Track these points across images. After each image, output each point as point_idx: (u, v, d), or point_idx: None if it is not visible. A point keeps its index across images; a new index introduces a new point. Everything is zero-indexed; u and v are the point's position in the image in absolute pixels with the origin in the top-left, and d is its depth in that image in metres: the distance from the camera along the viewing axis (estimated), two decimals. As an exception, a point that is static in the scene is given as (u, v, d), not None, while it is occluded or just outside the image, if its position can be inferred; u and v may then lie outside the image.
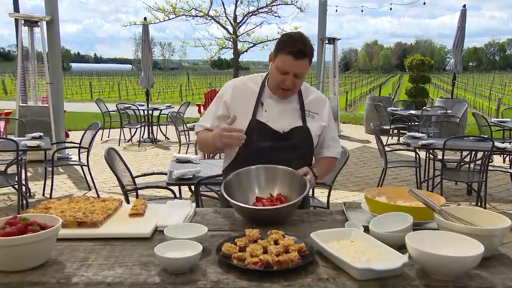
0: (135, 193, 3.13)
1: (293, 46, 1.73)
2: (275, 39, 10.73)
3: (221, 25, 10.98)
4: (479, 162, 5.04)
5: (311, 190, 3.58)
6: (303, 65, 1.76)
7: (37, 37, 6.45)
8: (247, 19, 11.14)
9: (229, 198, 1.59)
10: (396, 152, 6.58)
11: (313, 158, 2.00)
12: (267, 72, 1.93)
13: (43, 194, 5.05)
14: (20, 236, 1.18)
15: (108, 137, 8.96)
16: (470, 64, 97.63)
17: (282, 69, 1.76)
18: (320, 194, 4.42)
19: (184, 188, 3.88)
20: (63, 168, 6.17)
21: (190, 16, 10.68)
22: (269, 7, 11.01)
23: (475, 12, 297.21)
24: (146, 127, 8.90)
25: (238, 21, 11.04)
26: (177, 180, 3.18)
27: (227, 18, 11.04)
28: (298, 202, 1.58)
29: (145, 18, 9.13)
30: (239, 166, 1.80)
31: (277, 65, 1.78)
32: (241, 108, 1.87)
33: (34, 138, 4.84)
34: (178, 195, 3.59)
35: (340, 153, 2.06)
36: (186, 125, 7.15)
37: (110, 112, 8.82)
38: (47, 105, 6.50)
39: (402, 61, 17.81)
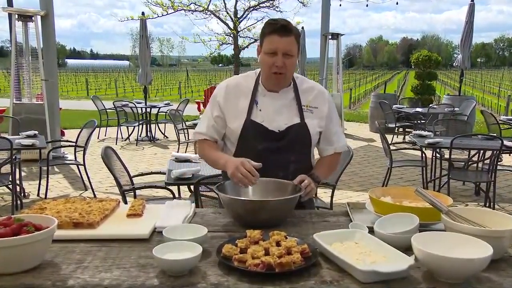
0: (132, 193, 3.10)
1: (275, 24, 1.75)
2: None
3: (221, 20, 10.92)
4: (487, 161, 4.96)
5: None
6: (290, 42, 1.74)
7: (31, 33, 6.38)
8: (248, 14, 11.08)
9: (222, 194, 1.56)
10: (402, 151, 6.55)
11: (312, 156, 1.97)
12: (260, 69, 1.89)
13: (38, 194, 5.00)
14: (14, 237, 1.16)
15: (105, 136, 8.91)
16: (478, 60, 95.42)
17: (270, 49, 1.75)
18: (324, 195, 4.39)
19: (183, 188, 3.84)
20: (58, 167, 6.12)
21: (189, 10, 10.61)
22: (270, 2, 10.96)
23: (483, 7, 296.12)
24: (144, 125, 8.86)
25: (238, 16, 10.98)
26: (176, 180, 3.15)
27: (227, 13, 10.98)
28: (291, 200, 1.56)
29: (143, 13, 9.07)
30: None
31: (265, 50, 1.77)
32: (235, 108, 1.84)
33: (28, 136, 4.79)
34: (177, 195, 3.56)
35: (345, 145, 2.01)
36: (185, 123, 7.09)
37: (107, 110, 8.77)
38: (42, 102, 6.44)
39: (408, 57, 17.71)
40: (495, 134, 5.26)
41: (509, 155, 6.75)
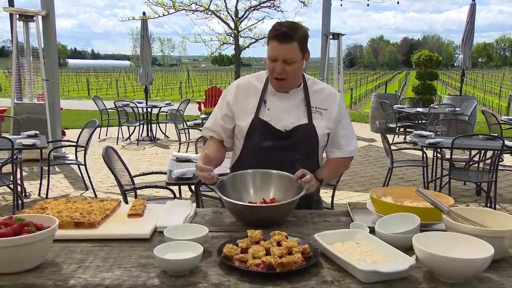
0: (133, 193, 3.10)
1: (277, 30, 1.72)
2: None
3: (222, 20, 10.91)
4: (488, 161, 4.96)
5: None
6: (289, 49, 1.71)
7: (32, 32, 6.38)
8: (248, 13, 11.08)
9: (222, 196, 1.57)
10: (403, 151, 6.55)
11: (320, 157, 1.95)
12: None
13: (39, 194, 5.00)
14: (15, 237, 1.15)
15: (106, 136, 8.92)
16: (480, 60, 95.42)
17: (270, 56, 1.75)
18: (324, 195, 4.38)
19: (184, 188, 3.85)
20: (59, 167, 6.12)
21: (190, 10, 10.61)
22: (271, 1, 10.95)
23: (483, 7, 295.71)
24: (145, 125, 8.85)
25: (239, 16, 10.98)
26: (177, 180, 3.15)
27: (228, 13, 10.98)
28: (293, 202, 1.56)
29: (144, 13, 9.06)
30: (243, 165, 1.80)
31: (267, 54, 1.78)
32: (244, 107, 1.86)
33: (29, 136, 4.78)
34: (178, 195, 3.56)
35: (354, 151, 1.96)
36: (186, 123, 7.11)
37: (108, 110, 8.77)
38: (43, 102, 6.44)
39: (409, 57, 17.69)
40: (496, 134, 5.26)
41: (510, 155, 6.72)
